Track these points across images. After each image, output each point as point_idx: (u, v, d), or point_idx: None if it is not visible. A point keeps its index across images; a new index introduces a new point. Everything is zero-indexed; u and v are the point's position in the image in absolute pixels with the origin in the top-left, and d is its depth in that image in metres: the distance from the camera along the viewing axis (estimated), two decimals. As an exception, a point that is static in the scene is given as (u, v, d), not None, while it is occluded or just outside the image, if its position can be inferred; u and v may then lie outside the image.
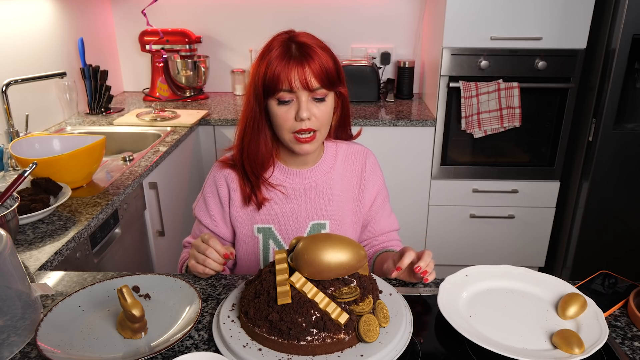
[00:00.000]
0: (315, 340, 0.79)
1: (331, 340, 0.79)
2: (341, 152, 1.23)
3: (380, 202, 1.25)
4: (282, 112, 1.06)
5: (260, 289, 0.85)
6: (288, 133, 1.08)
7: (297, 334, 0.79)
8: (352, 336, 0.81)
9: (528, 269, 1.04)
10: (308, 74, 1.02)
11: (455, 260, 2.69)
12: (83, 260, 1.40)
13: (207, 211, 1.21)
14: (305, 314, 0.80)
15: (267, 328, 0.81)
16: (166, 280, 1.01)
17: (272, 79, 1.03)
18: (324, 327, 0.79)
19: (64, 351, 0.81)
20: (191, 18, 2.86)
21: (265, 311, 0.82)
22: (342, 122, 1.20)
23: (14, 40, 2.03)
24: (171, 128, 2.28)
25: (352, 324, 0.81)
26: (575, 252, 2.52)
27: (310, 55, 1.03)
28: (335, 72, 1.07)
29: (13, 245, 0.87)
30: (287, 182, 1.18)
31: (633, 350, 0.86)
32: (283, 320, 0.80)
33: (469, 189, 2.54)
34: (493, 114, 2.37)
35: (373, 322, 0.82)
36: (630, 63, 2.21)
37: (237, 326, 0.86)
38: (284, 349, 0.80)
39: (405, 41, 2.90)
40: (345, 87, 1.13)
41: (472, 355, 0.84)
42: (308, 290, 0.82)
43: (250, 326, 0.83)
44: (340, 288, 0.84)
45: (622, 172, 2.35)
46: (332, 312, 0.81)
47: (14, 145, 1.60)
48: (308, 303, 0.81)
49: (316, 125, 1.07)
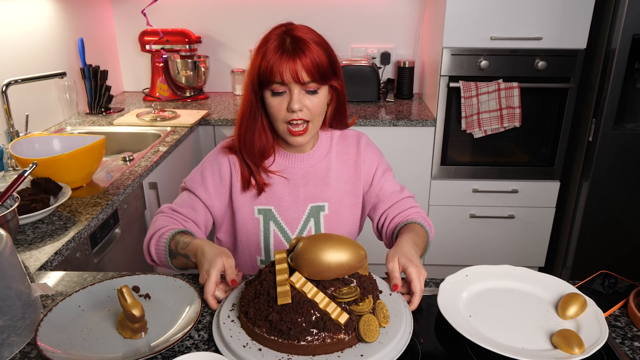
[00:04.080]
0: (315, 340, 0.79)
1: (331, 340, 0.79)
2: (335, 137, 1.27)
3: (380, 174, 1.27)
4: (276, 103, 1.10)
5: (260, 289, 0.85)
6: (282, 123, 1.12)
7: (297, 334, 0.79)
8: (352, 336, 0.81)
9: (528, 269, 1.04)
10: (299, 68, 1.05)
11: (455, 260, 2.69)
12: (83, 260, 1.40)
13: (202, 183, 1.21)
14: (305, 314, 0.80)
15: (267, 328, 0.81)
16: (166, 280, 1.01)
17: (266, 71, 1.07)
18: (324, 327, 0.79)
19: (64, 351, 0.81)
20: (191, 18, 2.86)
21: (265, 311, 0.82)
22: (337, 113, 1.22)
23: (14, 40, 2.03)
24: (171, 128, 2.28)
25: (352, 324, 0.81)
26: (575, 252, 2.52)
27: (303, 49, 1.06)
28: (329, 66, 1.10)
29: (13, 245, 0.87)
30: (287, 165, 1.22)
31: (633, 350, 0.86)
32: (283, 320, 0.79)
33: (469, 189, 2.54)
34: (493, 114, 2.37)
35: (373, 322, 0.82)
36: (630, 63, 2.21)
37: (237, 326, 0.86)
38: (284, 349, 0.79)
39: (405, 41, 2.90)
40: (340, 81, 1.16)
41: (472, 355, 0.84)
42: (308, 290, 0.82)
43: (250, 326, 0.83)
44: (340, 288, 0.84)
45: (622, 172, 2.35)
46: (332, 312, 0.81)
47: (14, 145, 1.60)
48: (308, 303, 0.81)
49: (308, 116, 1.11)
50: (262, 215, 1.22)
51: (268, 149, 1.19)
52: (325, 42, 1.11)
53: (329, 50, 1.11)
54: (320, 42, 1.10)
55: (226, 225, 1.27)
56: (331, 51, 1.12)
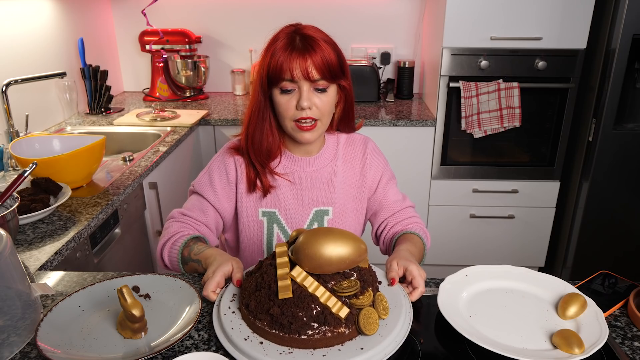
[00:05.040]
0: (316, 334, 0.79)
1: (332, 334, 0.80)
2: (342, 141, 1.26)
3: (385, 182, 1.27)
4: (285, 100, 1.09)
5: (262, 282, 0.85)
6: (290, 121, 1.11)
7: (298, 328, 0.79)
8: (352, 329, 0.81)
9: (528, 269, 1.04)
10: (309, 65, 1.05)
11: (455, 260, 2.69)
12: (83, 260, 1.40)
13: (211, 186, 1.20)
14: (306, 308, 0.80)
15: (268, 322, 0.81)
16: (166, 280, 1.01)
17: (276, 69, 1.07)
18: (324, 321, 0.80)
19: (64, 351, 0.81)
20: (191, 18, 2.86)
21: (266, 305, 0.82)
22: (345, 115, 1.22)
23: (14, 40, 2.03)
24: (171, 128, 2.28)
25: (352, 317, 0.82)
26: (575, 252, 2.52)
27: (313, 47, 1.06)
28: (338, 65, 1.10)
29: (13, 245, 0.87)
30: (292, 169, 1.21)
31: (633, 350, 0.86)
32: (284, 314, 0.80)
33: (469, 189, 2.54)
34: (493, 114, 2.37)
35: (373, 315, 0.82)
36: (630, 63, 2.21)
37: (238, 317, 0.86)
38: (285, 342, 0.80)
39: (405, 41, 2.90)
40: (349, 81, 1.16)
41: (472, 355, 0.84)
42: (309, 285, 0.82)
43: (252, 319, 0.83)
44: (341, 282, 0.84)
45: (622, 172, 2.35)
46: (333, 306, 0.81)
47: (14, 145, 1.60)
48: (309, 297, 0.81)
49: (317, 115, 1.11)
50: (266, 217, 1.21)
51: (274, 149, 1.18)
52: (334, 42, 1.11)
53: (338, 49, 1.11)
54: (330, 41, 1.10)
55: (232, 225, 1.27)
56: (340, 51, 1.12)
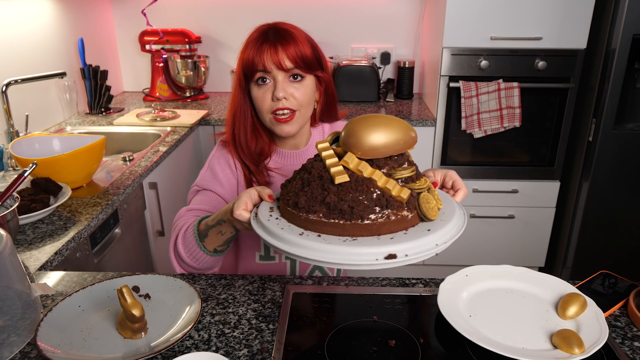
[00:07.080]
0: (379, 218, 0.74)
1: (395, 217, 0.75)
2: (326, 130, 1.28)
3: None
4: (261, 93, 1.10)
5: (309, 177, 0.80)
6: (267, 114, 1.11)
7: (360, 212, 0.74)
8: (414, 214, 0.78)
9: (528, 269, 1.04)
10: (281, 55, 1.06)
11: (455, 260, 2.68)
12: (83, 260, 1.40)
13: (216, 179, 1.19)
14: (365, 192, 0.75)
15: (324, 212, 0.76)
16: (166, 280, 1.01)
17: (248, 61, 1.07)
18: (387, 204, 0.75)
19: (64, 351, 0.81)
20: (191, 18, 2.86)
21: (320, 195, 0.76)
22: (326, 107, 1.23)
23: (14, 40, 2.03)
24: (171, 128, 2.28)
25: (413, 200, 0.78)
26: (575, 252, 2.52)
27: (285, 38, 1.06)
28: (313, 56, 1.10)
29: (13, 245, 0.87)
30: (284, 163, 1.22)
31: (633, 350, 0.86)
32: (343, 199, 0.75)
33: (469, 189, 2.52)
34: (493, 114, 2.37)
35: (431, 200, 0.79)
36: (630, 63, 2.21)
37: (284, 222, 0.80)
38: (347, 231, 0.75)
39: (405, 41, 2.90)
40: (327, 73, 1.16)
41: (472, 355, 0.84)
42: (364, 169, 0.78)
43: (304, 215, 0.77)
44: (395, 167, 0.81)
45: (622, 172, 2.35)
46: (393, 188, 0.76)
47: (14, 145, 1.60)
48: (367, 180, 0.76)
49: (294, 105, 1.10)
50: None
51: (266, 150, 1.19)
52: (309, 37, 1.11)
53: (313, 43, 1.12)
54: (304, 35, 1.10)
55: None
56: (315, 45, 1.12)
